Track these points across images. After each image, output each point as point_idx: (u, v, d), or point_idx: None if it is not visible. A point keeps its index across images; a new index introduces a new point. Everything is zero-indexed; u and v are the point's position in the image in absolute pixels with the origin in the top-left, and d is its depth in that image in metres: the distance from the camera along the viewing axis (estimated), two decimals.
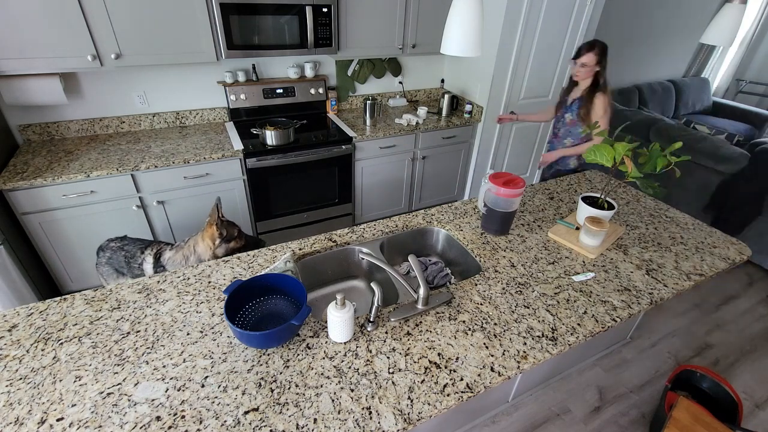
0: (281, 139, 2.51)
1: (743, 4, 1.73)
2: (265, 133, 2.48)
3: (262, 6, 2.24)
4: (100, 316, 1.20)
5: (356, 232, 1.65)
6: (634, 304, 1.34)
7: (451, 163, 3.30)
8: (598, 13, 3.00)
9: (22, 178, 1.98)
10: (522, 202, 1.91)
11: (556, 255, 1.56)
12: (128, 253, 1.79)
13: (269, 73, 2.82)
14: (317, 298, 1.61)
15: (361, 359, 1.10)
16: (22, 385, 0.99)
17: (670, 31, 4.64)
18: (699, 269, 1.52)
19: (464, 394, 1.02)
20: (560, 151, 2.35)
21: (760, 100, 5.38)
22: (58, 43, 1.96)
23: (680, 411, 1.63)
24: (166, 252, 1.75)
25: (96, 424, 0.91)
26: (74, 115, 2.43)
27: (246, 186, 2.55)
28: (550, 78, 3.20)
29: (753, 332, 2.48)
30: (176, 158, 2.24)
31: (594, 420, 1.93)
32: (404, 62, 3.26)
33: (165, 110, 2.63)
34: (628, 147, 1.52)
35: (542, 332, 1.21)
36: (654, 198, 2.03)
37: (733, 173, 3.00)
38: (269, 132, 2.47)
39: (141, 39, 2.11)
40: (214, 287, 1.32)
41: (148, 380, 1.01)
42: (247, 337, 1.04)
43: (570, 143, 2.34)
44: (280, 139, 2.51)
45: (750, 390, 2.11)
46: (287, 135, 2.54)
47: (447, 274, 1.68)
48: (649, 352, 2.30)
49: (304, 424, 0.93)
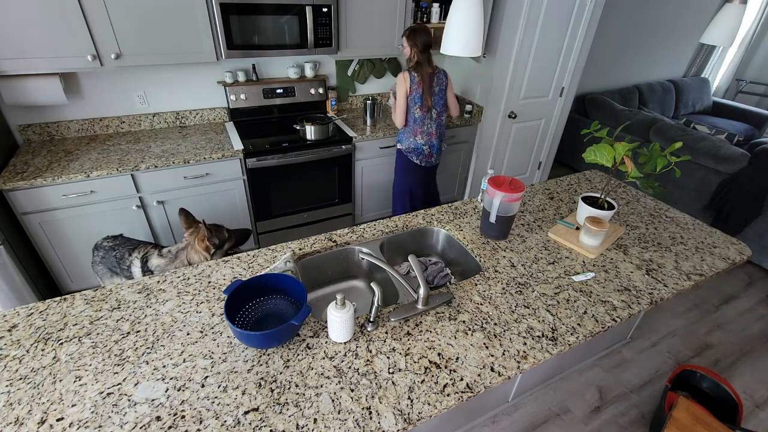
0: (320, 134, 2.63)
1: (743, 4, 1.73)
2: (305, 128, 2.60)
3: (262, 6, 2.24)
4: (100, 316, 1.20)
5: (356, 232, 1.65)
6: (634, 304, 1.34)
7: (451, 163, 3.30)
8: (598, 13, 3.00)
9: (22, 178, 1.98)
10: (522, 202, 1.91)
11: (556, 255, 1.56)
12: (118, 253, 1.79)
13: (269, 73, 2.82)
14: (317, 298, 1.61)
15: (361, 359, 1.10)
16: (22, 385, 0.99)
17: (670, 31, 4.65)
18: (699, 269, 1.52)
19: (464, 394, 1.02)
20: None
21: (760, 100, 5.39)
22: (58, 43, 1.96)
23: (680, 411, 1.63)
24: (154, 258, 1.74)
25: (96, 424, 0.91)
26: (74, 115, 2.43)
27: (246, 186, 2.55)
28: (550, 78, 3.19)
29: (753, 332, 2.48)
30: (176, 158, 2.24)
31: (594, 420, 1.93)
32: (404, 62, 3.26)
33: (165, 110, 2.63)
34: (628, 147, 1.52)
35: (542, 332, 1.21)
36: (654, 198, 2.03)
37: (733, 173, 3.01)
38: (309, 127, 2.58)
39: (141, 39, 2.11)
40: (214, 287, 1.32)
41: (148, 380, 1.01)
42: (247, 337, 1.04)
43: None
44: (320, 134, 2.63)
45: (750, 390, 2.11)
46: (326, 130, 2.65)
47: (447, 274, 1.68)
48: (649, 352, 2.30)
49: (304, 424, 0.93)
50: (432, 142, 2.50)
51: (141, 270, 1.74)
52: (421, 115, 2.41)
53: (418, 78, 2.30)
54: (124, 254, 1.78)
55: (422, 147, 2.48)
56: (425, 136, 2.46)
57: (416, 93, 2.34)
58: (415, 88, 2.32)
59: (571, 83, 3.30)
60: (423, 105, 2.37)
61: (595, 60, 4.16)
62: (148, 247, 1.80)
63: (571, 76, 3.26)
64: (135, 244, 1.84)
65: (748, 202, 2.86)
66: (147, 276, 1.60)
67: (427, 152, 2.51)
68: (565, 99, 3.37)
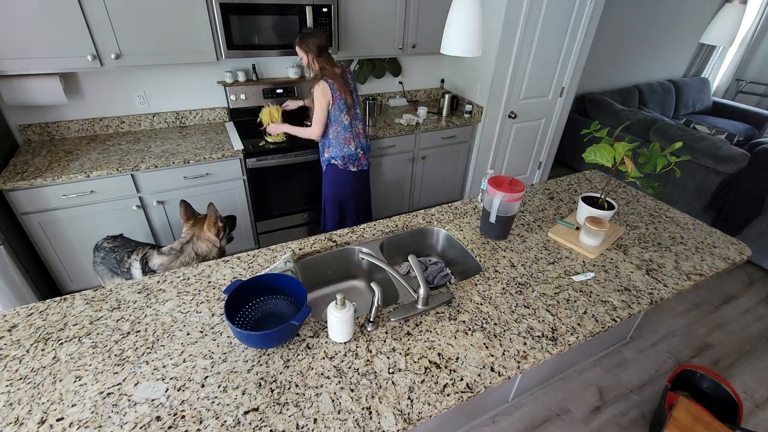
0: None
1: (743, 4, 1.73)
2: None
3: (262, 6, 2.24)
4: (100, 316, 1.20)
5: (356, 232, 1.65)
6: (634, 304, 1.34)
7: (451, 163, 3.30)
8: (598, 13, 3.00)
9: (22, 178, 1.98)
10: (522, 202, 1.91)
11: (556, 255, 1.56)
12: (118, 255, 1.80)
13: (269, 73, 2.82)
14: (317, 298, 1.61)
15: (361, 359, 1.10)
16: (22, 385, 0.99)
17: (670, 31, 4.65)
18: (699, 269, 1.52)
19: (464, 394, 1.02)
20: (286, 126, 2.42)
21: (760, 100, 5.38)
22: (58, 43, 1.96)
23: (680, 411, 1.63)
24: (154, 257, 1.75)
25: (96, 424, 0.91)
26: (74, 115, 2.43)
27: (246, 186, 2.55)
28: (550, 78, 3.20)
29: (753, 332, 2.48)
30: (176, 158, 2.24)
31: (594, 420, 1.93)
32: (404, 62, 3.26)
33: (165, 110, 2.63)
34: (628, 147, 1.52)
35: (542, 332, 1.21)
36: (654, 198, 2.03)
37: (733, 173, 3.01)
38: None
39: (141, 39, 2.11)
40: (214, 287, 1.32)
41: (148, 380, 1.01)
42: (247, 337, 1.04)
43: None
44: None
45: (750, 390, 2.11)
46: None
47: (447, 274, 1.68)
48: (649, 352, 2.30)
49: (304, 424, 0.93)
50: (361, 141, 2.36)
51: (141, 272, 1.74)
52: (350, 120, 2.26)
53: (336, 84, 2.14)
54: (124, 257, 1.78)
55: (355, 152, 2.33)
56: (356, 139, 2.32)
57: (339, 100, 2.17)
58: (337, 95, 2.16)
59: (571, 83, 3.30)
60: (349, 108, 2.22)
61: (595, 60, 4.15)
62: (146, 248, 1.81)
63: (571, 76, 3.26)
64: (134, 246, 1.84)
65: (748, 202, 2.86)
66: (149, 276, 1.62)
67: (360, 155, 2.36)
68: (565, 99, 3.37)
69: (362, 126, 2.38)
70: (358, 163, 2.37)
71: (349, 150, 2.31)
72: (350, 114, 2.25)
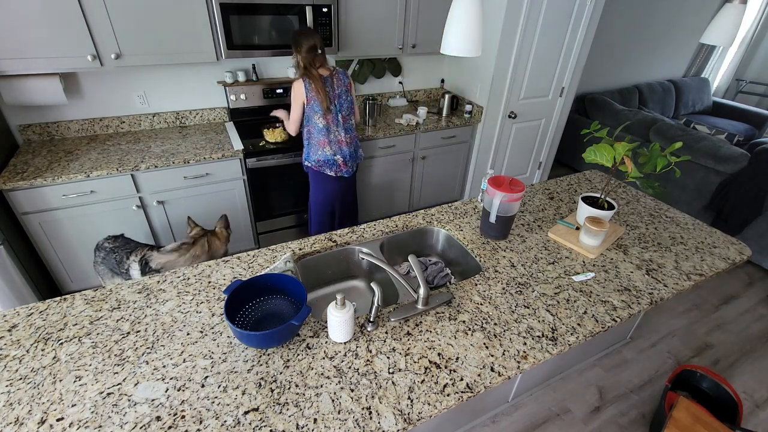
0: None
1: (743, 4, 1.73)
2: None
3: (262, 6, 2.24)
4: (100, 316, 1.20)
5: (356, 232, 1.65)
6: (634, 304, 1.34)
7: (451, 163, 3.30)
8: (598, 13, 3.00)
9: (22, 178, 1.98)
10: (522, 202, 1.91)
11: (556, 255, 1.56)
12: (118, 255, 1.81)
13: (269, 73, 2.82)
14: (317, 298, 1.61)
15: (361, 359, 1.10)
16: (22, 385, 0.99)
17: (670, 31, 4.65)
18: (699, 269, 1.52)
19: (464, 394, 1.02)
20: (282, 112, 2.50)
21: (760, 100, 5.38)
22: (58, 43, 1.96)
23: (680, 411, 1.63)
24: (155, 257, 1.76)
25: (96, 424, 0.91)
26: (74, 115, 2.43)
27: (246, 186, 2.55)
28: (550, 78, 3.19)
29: (753, 332, 2.48)
30: (176, 158, 2.24)
31: (594, 420, 1.93)
32: (404, 62, 3.26)
33: (165, 110, 2.63)
34: (628, 147, 1.52)
35: (542, 332, 1.21)
36: (654, 198, 2.03)
37: (733, 173, 3.01)
38: None
39: (141, 39, 2.11)
40: (214, 287, 1.32)
41: (148, 380, 1.01)
42: (247, 337, 1.04)
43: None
44: None
45: (750, 390, 2.11)
46: None
47: (447, 274, 1.68)
48: (649, 352, 2.30)
49: (304, 424, 0.93)
50: (343, 149, 2.28)
51: (141, 273, 1.75)
52: (326, 124, 2.21)
53: (312, 85, 2.11)
54: (123, 257, 1.79)
55: (332, 158, 2.27)
56: (334, 145, 2.26)
57: (314, 101, 2.14)
58: (312, 96, 2.13)
59: (571, 83, 3.30)
60: (325, 112, 2.18)
61: (595, 60, 4.16)
62: (145, 249, 1.81)
63: (571, 76, 3.26)
64: (133, 247, 1.84)
65: (748, 202, 2.86)
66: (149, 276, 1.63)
67: (340, 162, 2.29)
68: (565, 99, 3.37)
69: (347, 134, 2.30)
70: (336, 169, 2.32)
71: (324, 154, 2.26)
72: (326, 118, 2.20)
